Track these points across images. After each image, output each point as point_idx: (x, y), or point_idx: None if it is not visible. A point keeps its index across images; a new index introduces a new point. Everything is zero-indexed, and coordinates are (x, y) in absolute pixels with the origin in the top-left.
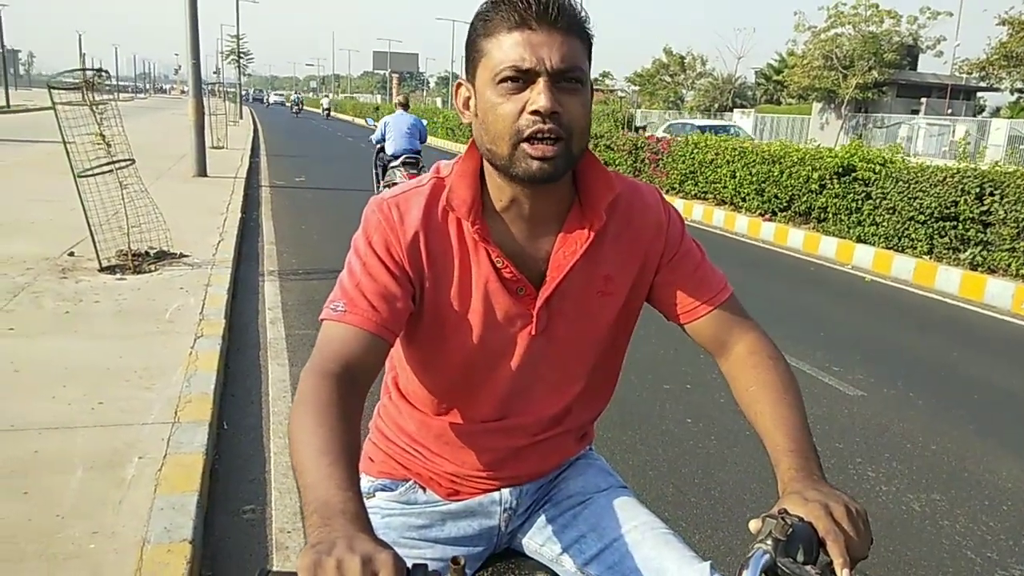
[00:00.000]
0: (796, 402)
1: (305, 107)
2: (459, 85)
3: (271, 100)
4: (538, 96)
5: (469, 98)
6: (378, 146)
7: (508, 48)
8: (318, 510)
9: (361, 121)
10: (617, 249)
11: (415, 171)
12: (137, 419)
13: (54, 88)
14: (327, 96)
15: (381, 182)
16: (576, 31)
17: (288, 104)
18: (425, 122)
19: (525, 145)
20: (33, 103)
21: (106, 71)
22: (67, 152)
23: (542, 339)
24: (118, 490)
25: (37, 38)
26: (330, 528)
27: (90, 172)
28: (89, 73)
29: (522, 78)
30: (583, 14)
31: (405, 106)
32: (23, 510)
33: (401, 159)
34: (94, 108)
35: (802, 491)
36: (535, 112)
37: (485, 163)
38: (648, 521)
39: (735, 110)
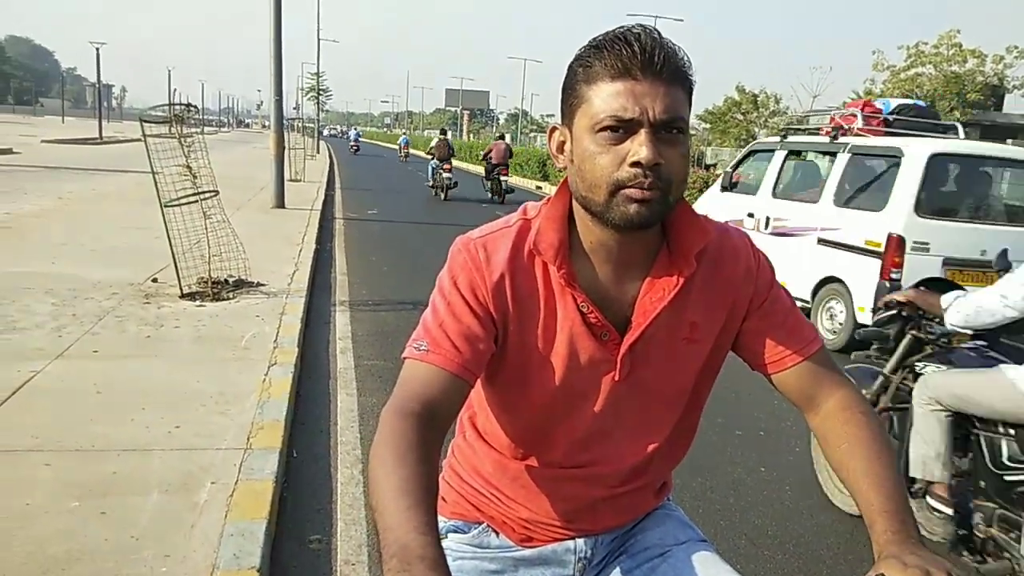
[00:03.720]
0: (890, 461)
1: (363, 139)
2: (553, 129)
3: (326, 133)
4: (640, 147)
5: (564, 142)
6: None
7: (610, 97)
8: (397, 554)
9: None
10: (705, 296)
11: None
12: (212, 444)
13: (146, 121)
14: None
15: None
16: (680, 80)
17: (339, 136)
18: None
19: (623, 191)
20: (124, 135)
21: (194, 106)
22: (155, 182)
23: (625, 385)
24: (191, 514)
25: (130, 73)
26: (409, 574)
27: (176, 202)
28: (178, 108)
29: (623, 128)
30: (685, 60)
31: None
32: (100, 530)
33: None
34: (182, 141)
35: (900, 555)
36: (636, 164)
37: (575, 205)
38: None
39: None
